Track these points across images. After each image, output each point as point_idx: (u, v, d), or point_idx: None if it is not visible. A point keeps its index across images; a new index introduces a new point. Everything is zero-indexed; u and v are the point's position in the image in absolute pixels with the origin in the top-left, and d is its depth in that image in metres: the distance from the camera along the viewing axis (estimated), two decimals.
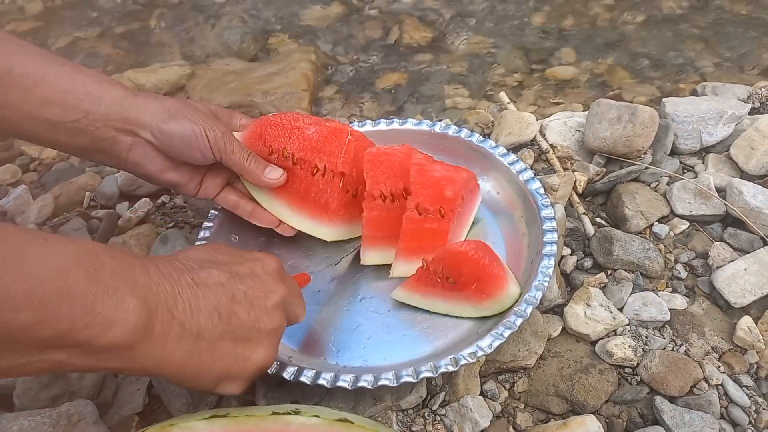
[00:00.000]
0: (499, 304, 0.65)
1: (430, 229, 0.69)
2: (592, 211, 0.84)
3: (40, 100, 0.59)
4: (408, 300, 0.69)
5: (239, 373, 0.50)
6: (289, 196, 0.72)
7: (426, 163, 0.71)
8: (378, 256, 0.73)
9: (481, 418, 0.62)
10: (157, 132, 0.63)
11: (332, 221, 0.73)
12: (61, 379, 0.63)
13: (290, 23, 1.50)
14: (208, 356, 0.47)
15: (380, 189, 0.72)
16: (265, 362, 0.52)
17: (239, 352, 0.49)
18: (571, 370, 0.66)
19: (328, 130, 0.72)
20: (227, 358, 0.48)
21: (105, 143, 0.63)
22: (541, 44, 1.36)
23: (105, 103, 0.61)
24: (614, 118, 0.83)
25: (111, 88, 0.62)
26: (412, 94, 1.30)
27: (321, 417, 0.47)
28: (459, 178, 0.70)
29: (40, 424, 0.57)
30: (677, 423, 0.61)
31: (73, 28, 1.49)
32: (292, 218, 0.73)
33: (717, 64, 1.26)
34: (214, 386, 0.50)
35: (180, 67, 1.38)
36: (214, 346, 0.47)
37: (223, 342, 0.48)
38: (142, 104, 0.63)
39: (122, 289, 0.40)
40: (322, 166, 0.72)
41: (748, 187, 0.76)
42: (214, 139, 0.64)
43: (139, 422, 0.66)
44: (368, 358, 0.66)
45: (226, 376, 0.50)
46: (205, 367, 0.47)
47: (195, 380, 0.48)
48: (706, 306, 0.72)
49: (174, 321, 0.44)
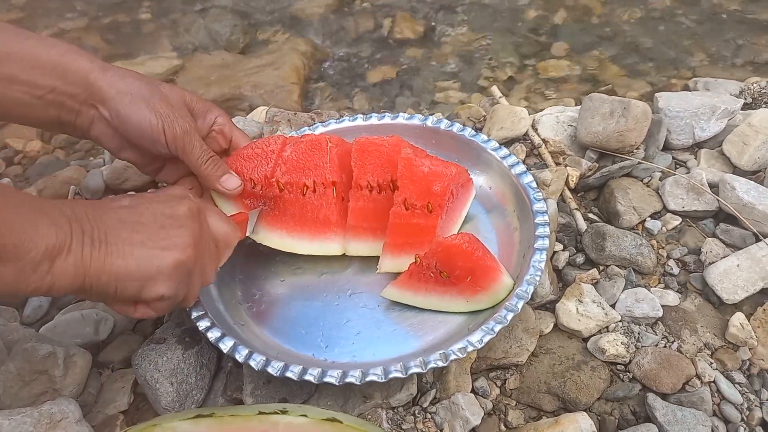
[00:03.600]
0: (493, 296, 0.64)
1: (417, 225, 0.68)
2: (584, 207, 0.83)
3: (6, 79, 0.58)
4: (399, 298, 0.68)
5: (158, 272, 0.51)
6: (286, 224, 0.71)
7: (414, 157, 0.69)
8: (363, 248, 0.72)
9: (472, 415, 0.61)
10: (114, 113, 0.61)
11: (337, 234, 0.71)
12: (43, 376, 0.61)
13: (280, 16, 1.48)
14: (120, 260, 0.49)
15: (367, 179, 0.71)
16: (180, 258, 0.52)
17: (152, 254, 0.51)
18: (563, 367, 0.66)
19: (306, 144, 0.71)
20: (140, 259, 0.50)
21: (70, 116, 0.62)
22: (533, 39, 1.36)
23: (70, 78, 0.60)
24: (607, 113, 0.83)
25: (76, 59, 0.61)
26: (403, 88, 1.28)
27: (309, 416, 0.46)
28: (448, 173, 0.69)
29: (21, 423, 0.55)
30: (669, 420, 0.60)
31: (58, 19, 1.47)
32: (296, 245, 0.71)
33: (708, 59, 1.26)
34: (137, 292, 0.51)
35: (168, 60, 1.36)
36: (124, 250, 0.49)
37: (133, 247, 0.50)
38: (108, 81, 0.61)
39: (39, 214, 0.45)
40: (310, 182, 0.70)
41: (740, 182, 0.75)
42: (173, 136, 0.62)
43: (123, 421, 0.64)
44: (357, 354, 0.65)
45: (146, 278, 0.50)
46: (120, 271, 0.49)
47: (116, 287, 0.49)
48: (699, 302, 0.72)
49: (84, 235, 0.47)
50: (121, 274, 0.49)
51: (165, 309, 0.56)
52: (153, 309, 0.54)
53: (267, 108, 1.00)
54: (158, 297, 0.52)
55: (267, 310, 0.70)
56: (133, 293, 0.51)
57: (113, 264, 0.49)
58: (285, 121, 0.93)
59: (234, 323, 0.66)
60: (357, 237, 0.71)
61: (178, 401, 0.62)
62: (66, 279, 0.46)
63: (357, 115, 0.84)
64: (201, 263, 0.56)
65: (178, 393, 0.62)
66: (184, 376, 0.63)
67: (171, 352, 0.64)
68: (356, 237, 0.71)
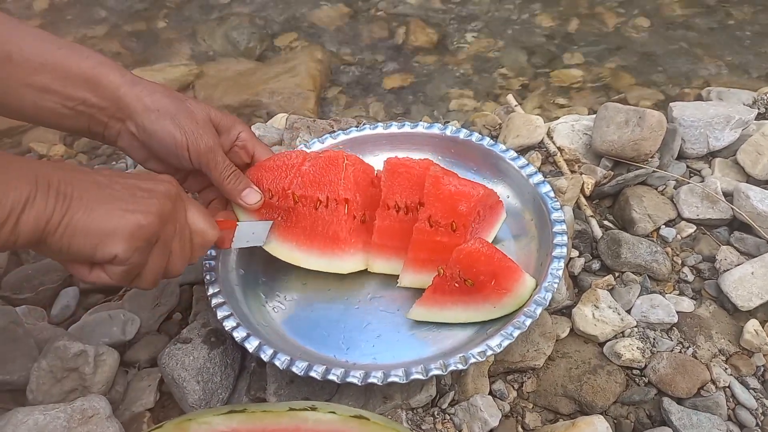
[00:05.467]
0: (518, 298, 0.65)
1: (440, 243, 0.68)
2: (599, 214, 0.84)
3: (40, 89, 0.60)
4: (426, 317, 0.68)
5: (114, 231, 0.50)
6: (297, 237, 0.72)
7: (442, 175, 0.70)
8: (385, 266, 0.72)
9: (491, 417, 0.63)
10: (141, 128, 0.63)
11: (345, 251, 0.72)
12: (74, 374, 0.63)
13: (297, 23, 1.50)
14: (81, 214, 0.48)
15: (395, 199, 0.72)
16: (141, 222, 0.51)
17: (114, 213, 0.50)
18: (580, 371, 0.67)
19: (324, 160, 0.72)
20: (100, 216, 0.49)
21: (99, 127, 0.64)
22: (547, 48, 1.37)
23: (100, 91, 0.62)
24: (622, 122, 0.84)
25: (108, 73, 0.62)
26: (418, 96, 1.30)
27: (337, 413, 0.48)
28: (475, 194, 0.69)
29: (55, 418, 0.57)
30: (685, 424, 0.61)
31: (80, 27, 1.50)
32: (305, 259, 0.72)
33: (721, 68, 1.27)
34: (92, 249, 0.50)
35: (187, 67, 1.38)
36: (87, 207, 0.49)
37: (97, 204, 0.50)
38: (136, 97, 0.63)
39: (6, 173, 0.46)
40: (324, 197, 0.71)
41: (755, 191, 0.77)
42: (197, 152, 0.64)
43: (150, 418, 0.66)
44: (377, 356, 0.66)
45: (102, 234, 0.49)
46: (78, 225, 0.48)
47: (70, 243, 0.48)
48: (713, 309, 0.73)
49: (50, 189, 0.47)
50: (78, 228, 0.48)
51: (120, 277, 0.53)
52: (107, 274, 0.52)
53: (287, 115, 1.02)
54: (111, 257, 0.50)
55: (289, 312, 0.71)
56: (88, 251, 0.50)
57: (72, 218, 0.48)
58: (305, 127, 0.95)
59: (257, 324, 0.68)
60: (380, 255, 0.72)
61: (204, 399, 0.63)
62: (27, 232, 0.46)
63: (377, 123, 0.85)
64: (166, 242, 0.55)
65: (204, 392, 0.63)
66: (210, 375, 0.64)
67: (197, 351, 0.65)
68: (379, 255, 0.72)
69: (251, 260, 0.74)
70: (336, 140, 0.84)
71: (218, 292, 0.67)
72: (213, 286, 0.68)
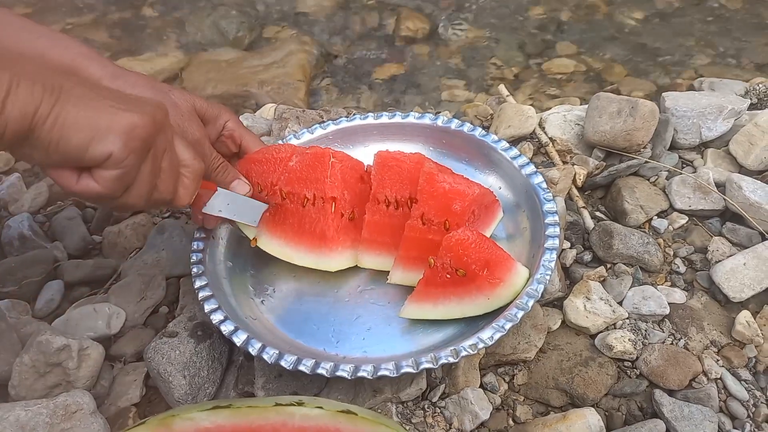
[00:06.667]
0: (512, 288, 0.64)
1: (432, 241, 0.67)
2: (591, 205, 0.84)
3: None
4: (419, 314, 0.66)
5: (109, 127, 0.47)
6: (285, 233, 0.71)
7: (437, 173, 0.69)
8: (374, 261, 0.71)
9: (481, 410, 0.62)
10: None
11: (333, 249, 0.71)
12: (57, 369, 0.62)
13: (286, 13, 1.48)
14: (72, 107, 0.45)
15: (385, 194, 0.71)
16: (137, 122, 0.48)
17: (109, 109, 0.47)
18: (571, 363, 0.66)
19: (310, 157, 0.71)
20: (94, 110, 0.46)
21: None
22: (539, 37, 1.36)
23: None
24: (614, 112, 0.83)
25: (89, 65, 0.60)
26: (410, 86, 1.29)
27: (324, 408, 0.47)
28: (470, 193, 0.68)
29: (37, 414, 0.56)
30: (677, 416, 0.61)
31: (66, 15, 1.47)
32: (294, 256, 0.71)
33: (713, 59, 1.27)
34: (84, 144, 0.46)
35: (175, 56, 1.36)
36: (79, 101, 0.46)
37: (89, 100, 0.47)
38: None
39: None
40: (311, 195, 0.70)
41: (747, 182, 0.76)
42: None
43: (136, 413, 0.65)
44: (368, 350, 0.65)
45: (96, 128, 0.46)
46: (69, 117, 0.45)
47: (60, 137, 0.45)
48: (705, 300, 0.72)
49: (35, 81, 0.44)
50: (70, 120, 0.45)
51: (110, 184, 0.49)
52: (97, 180, 0.48)
53: (276, 105, 1.00)
54: (106, 155, 0.47)
55: (278, 305, 0.70)
56: (81, 146, 0.46)
57: (63, 108, 0.45)
58: (294, 118, 0.93)
59: (246, 317, 0.67)
60: (370, 250, 0.71)
61: (190, 394, 0.62)
62: (14, 119, 0.43)
63: (368, 113, 0.84)
64: (156, 155, 0.52)
65: (190, 386, 0.62)
66: (197, 370, 0.63)
67: (183, 345, 0.64)
68: (369, 250, 0.71)
69: (239, 252, 0.73)
70: (326, 130, 0.82)
71: (205, 285, 0.66)
72: (200, 278, 0.67)
